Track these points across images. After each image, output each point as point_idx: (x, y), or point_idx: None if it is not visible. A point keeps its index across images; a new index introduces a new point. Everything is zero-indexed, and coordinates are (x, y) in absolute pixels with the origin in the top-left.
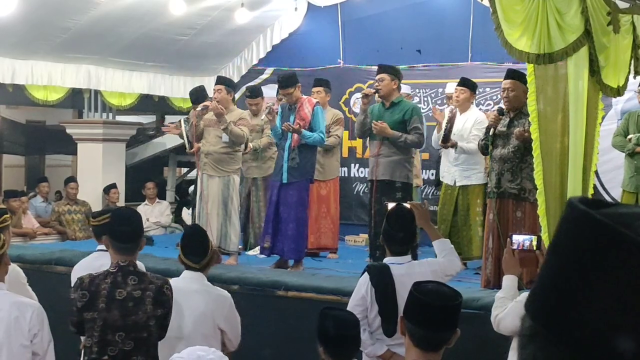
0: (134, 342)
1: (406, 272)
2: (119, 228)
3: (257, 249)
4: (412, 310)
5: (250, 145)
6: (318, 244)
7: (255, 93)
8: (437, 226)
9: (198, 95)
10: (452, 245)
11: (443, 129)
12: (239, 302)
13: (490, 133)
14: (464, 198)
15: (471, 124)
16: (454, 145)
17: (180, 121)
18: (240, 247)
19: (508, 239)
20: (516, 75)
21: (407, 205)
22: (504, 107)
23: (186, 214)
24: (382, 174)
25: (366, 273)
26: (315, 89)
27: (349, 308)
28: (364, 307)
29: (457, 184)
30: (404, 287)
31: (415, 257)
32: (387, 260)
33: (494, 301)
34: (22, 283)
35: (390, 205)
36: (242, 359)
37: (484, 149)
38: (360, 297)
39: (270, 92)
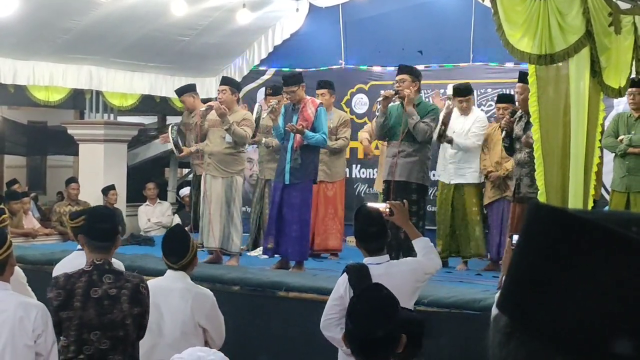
0: (110, 341)
1: (385, 272)
2: (95, 226)
3: (260, 249)
4: (348, 334)
5: (264, 139)
6: (325, 246)
7: (276, 91)
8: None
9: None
10: (432, 244)
11: (438, 127)
12: (240, 302)
13: (503, 135)
14: (460, 197)
15: (471, 122)
16: (450, 141)
17: (169, 128)
18: (243, 247)
19: (508, 239)
20: (524, 78)
21: (376, 205)
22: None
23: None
24: (399, 175)
25: (345, 273)
26: (319, 92)
27: (327, 306)
28: (342, 307)
29: (452, 182)
30: None
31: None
32: (366, 260)
33: (495, 301)
34: (22, 283)
35: (370, 204)
36: (244, 358)
37: (509, 152)
38: (339, 297)
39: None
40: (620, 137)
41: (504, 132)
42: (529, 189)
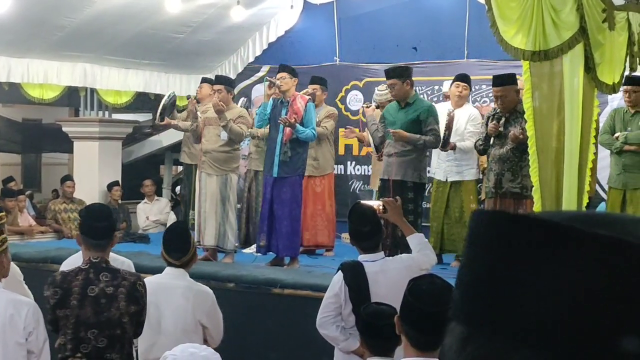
0: (107, 339)
1: (380, 269)
2: (91, 224)
3: (254, 246)
4: (406, 313)
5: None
6: (315, 241)
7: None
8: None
9: None
10: (427, 240)
11: (442, 135)
12: (235, 300)
13: (482, 139)
14: (457, 194)
15: (465, 120)
16: (454, 148)
17: (167, 94)
18: (236, 244)
19: None
20: (503, 81)
21: (370, 202)
22: (498, 110)
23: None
24: (395, 174)
25: (340, 271)
26: (311, 87)
27: (322, 304)
28: (338, 305)
29: (449, 180)
30: (377, 284)
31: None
32: (361, 258)
33: None
34: (18, 281)
35: (364, 202)
36: (239, 356)
37: (483, 153)
38: (334, 295)
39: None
40: (616, 135)
41: (484, 136)
42: (511, 183)
